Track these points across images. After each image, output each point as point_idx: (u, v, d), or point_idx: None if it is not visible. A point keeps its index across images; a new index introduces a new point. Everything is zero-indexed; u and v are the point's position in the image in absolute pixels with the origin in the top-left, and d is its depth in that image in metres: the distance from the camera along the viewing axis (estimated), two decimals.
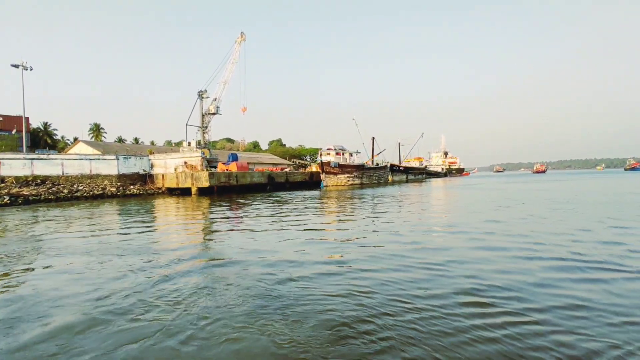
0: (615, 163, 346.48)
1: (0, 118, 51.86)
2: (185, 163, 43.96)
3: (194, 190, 39.78)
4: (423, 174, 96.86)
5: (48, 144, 71.94)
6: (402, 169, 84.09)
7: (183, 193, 41.02)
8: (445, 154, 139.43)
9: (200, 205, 26.17)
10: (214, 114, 48.59)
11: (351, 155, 61.14)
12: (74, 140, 72.49)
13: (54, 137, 77.31)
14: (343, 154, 58.79)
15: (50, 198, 32.41)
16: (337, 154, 57.75)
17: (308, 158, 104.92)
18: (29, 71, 38.88)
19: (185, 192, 40.88)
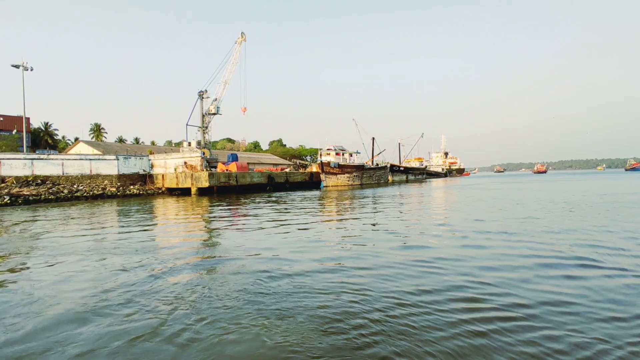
0: (616, 163, 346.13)
1: (1, 118, 52.02)
2: (185, 163, 44.04)
3: (193, 190, 39.85)
4: (423, 174, 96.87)
5: (49, 144, 72.09)
6: (402, 169, 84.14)
7: (183, 193, 41.11)
8: (446, 154, 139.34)
9: (200, 206, 26.23)
10: (214, 114, 48.66)
11: (351, 155, 61.19)
12: (75, 140, 72.70)
13: (55, 137, 77.46)
14: (343, 154, 58.84)
15: (51, 198, 32.50)
16: (337, 154, 57.80)
17: (308, 158, 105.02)
18: (29, 71, 38.97)
19: (185, 192, 40.96)
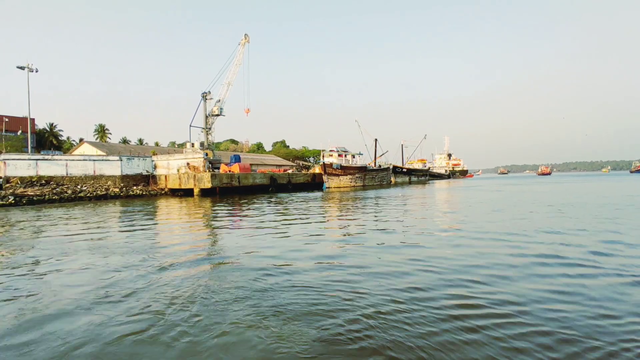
0: (621, 165, 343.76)
1: (6, 119, 52.48)
2: (188, 164, 44.22)
3: (196, 191, 40.01)
4: (426, 176, 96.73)
5: (54, 144, 72.67)
6: (405, 170, 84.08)
7: (186, 194, 41.27)
8: (449, 155, 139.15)
9: (202, 206, 26.32)
10: (218, 115, 48.89)
11: (353, 156, 61.19)
12: (80, 141, 73.15)
13: (60, 138, 78.07)
14: (345, 156, 58.85)
15: (54, 198, 32.74)
16: (340, 155, 57.82)
17: (312, 159, 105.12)
18: (34, 73, 39.31)
19: (188, 193, 41.12)
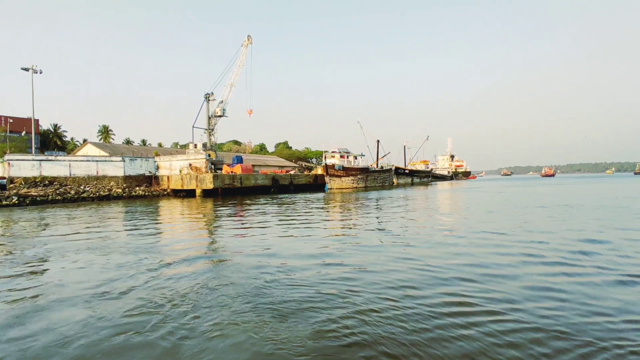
0: (625, 167, 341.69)
1: (11, 120, 52.89)
2: (190, 165, 44.40)
3: (198, 192, 40.15)
4: (429, 177, 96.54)
5: (58, 145, 73.07)
6: (408, 172, 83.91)
7: (188, 195, 41.42)
8: (452, 157, 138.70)
9: (204, 207, 26.43)
10: (221, 116, 49.04)
11: (355, 158, 61.17)
12: (83, 141, 73.57)
13: (64, 139, 78.49)
14: (347, 157, 58.84)
15: (58, 199, 32.96)
16: (342, 156, 57.83)
17: (314, 160, 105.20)
18: (38, 74, 39.58)
19: (190, 194, 41.27)
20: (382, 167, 71.72)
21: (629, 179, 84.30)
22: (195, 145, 47.75)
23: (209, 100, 48.72)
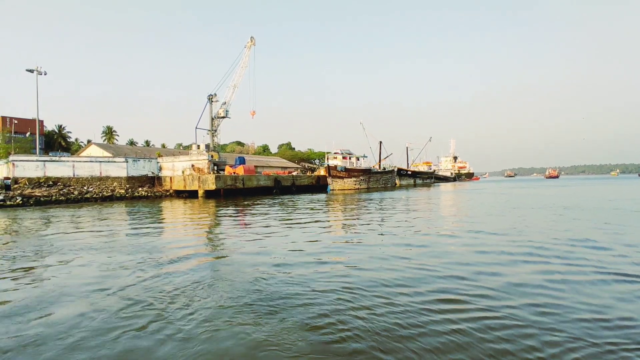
0: (630, 168, 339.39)
1: (15, 121, 53.38)
2: (193, 166, 44.57)
3: (200, 192, 40.30)
4: (431, 179, 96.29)
5: (62, 146, 73.60)
6: (410, 173, 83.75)
7: (190, 195, 41.58)
8: (455, 158, 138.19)
9: (206, 208, 26.54)
10: (224, 117, 49.18)
11: (358, 159, 61.18)
12: (87, 142, 74.06)
13: (68, 140, 79.08)
14: (350, 158, 58.88)
15: (61, 199, 33.19)
16: (344, 158, 57.88)
17: (317, 161, 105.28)
18: (43, 75, 39.90)
19: (192, 195, 41.42)
20: (385, 169, 71.64)
21: (634, 181, 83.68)
22: (198, 146, 47.92)
23: (212, 101, 48.88)
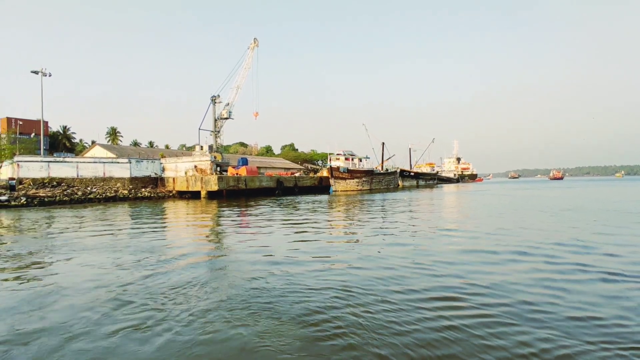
0: (635, 170, 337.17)
1: (20, 122, 53.85)
2: (196, 167, 44.74)
3: (203, 193, 40.43)
4: (434, 180, 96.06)
5: (67, 147, 74.07)
6: (413, 174, 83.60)
7: (193, 196, 41.71)
8: (458, 159, 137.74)
9: (208, 208, 26.62)
10: (227, 118, 49.40)
11: (360, 160, 61.18)
12: (92, 143, 74.52)
13: (73, 141, 79.57)
14: (352, 159, 58.90)
15: (65, 200, 33.39)
16: (347, 159, 57.91)
17: (320, 162, 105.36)
18: (47, 77, 40.20)
19: (195, 196, 41.56)
20: (387, 170, 71.56)
21: (639, 182, 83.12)
22: (201, 147, 48.13)
23: (215, 102, 49.10)
